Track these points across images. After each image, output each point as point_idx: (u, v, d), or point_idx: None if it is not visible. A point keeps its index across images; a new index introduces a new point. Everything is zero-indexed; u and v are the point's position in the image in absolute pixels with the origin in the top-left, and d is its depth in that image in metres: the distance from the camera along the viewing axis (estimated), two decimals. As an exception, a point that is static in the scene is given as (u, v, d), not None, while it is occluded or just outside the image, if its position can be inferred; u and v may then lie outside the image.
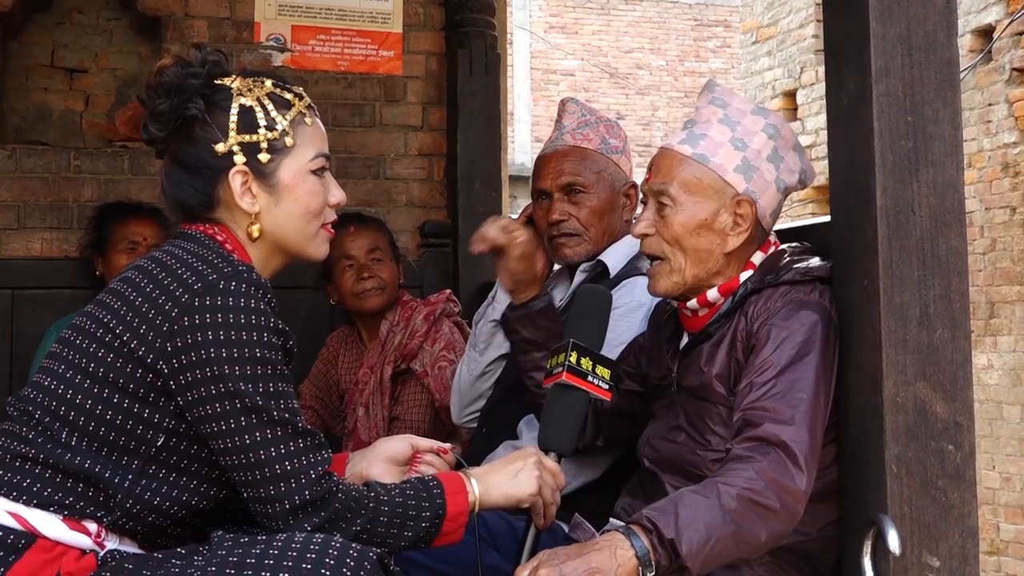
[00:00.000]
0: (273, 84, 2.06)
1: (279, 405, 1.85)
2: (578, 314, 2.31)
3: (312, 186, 2.05)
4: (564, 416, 2.20)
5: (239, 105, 2.00)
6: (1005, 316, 7.45)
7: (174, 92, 1.98)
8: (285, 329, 1.91)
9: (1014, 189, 7.34)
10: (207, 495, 1.95)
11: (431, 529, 1.94)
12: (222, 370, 1.82)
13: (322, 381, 3.90)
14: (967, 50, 7.58)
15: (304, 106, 2.07)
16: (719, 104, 2.34)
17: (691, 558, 1.93)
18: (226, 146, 1.99)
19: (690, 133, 2.31)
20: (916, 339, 2.09)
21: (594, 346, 2.24)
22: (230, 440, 1.84)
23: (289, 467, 1.84)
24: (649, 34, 17.62)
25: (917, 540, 2.07)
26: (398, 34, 4.70)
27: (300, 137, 2.04)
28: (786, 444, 2.03)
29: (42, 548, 1.82)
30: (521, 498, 2.04)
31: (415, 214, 4.69)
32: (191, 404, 1.84)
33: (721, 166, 2.26)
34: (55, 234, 4.22)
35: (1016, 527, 7.37)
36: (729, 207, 2.26)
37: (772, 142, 2.30)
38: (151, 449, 1.88)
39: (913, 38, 2.13)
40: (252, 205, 2.01)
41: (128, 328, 1.88)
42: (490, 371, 3.11)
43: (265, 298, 1.88)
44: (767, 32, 9.96)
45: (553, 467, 2.10)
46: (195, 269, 1.90)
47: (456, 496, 1.97)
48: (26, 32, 4.49)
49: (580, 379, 2.18)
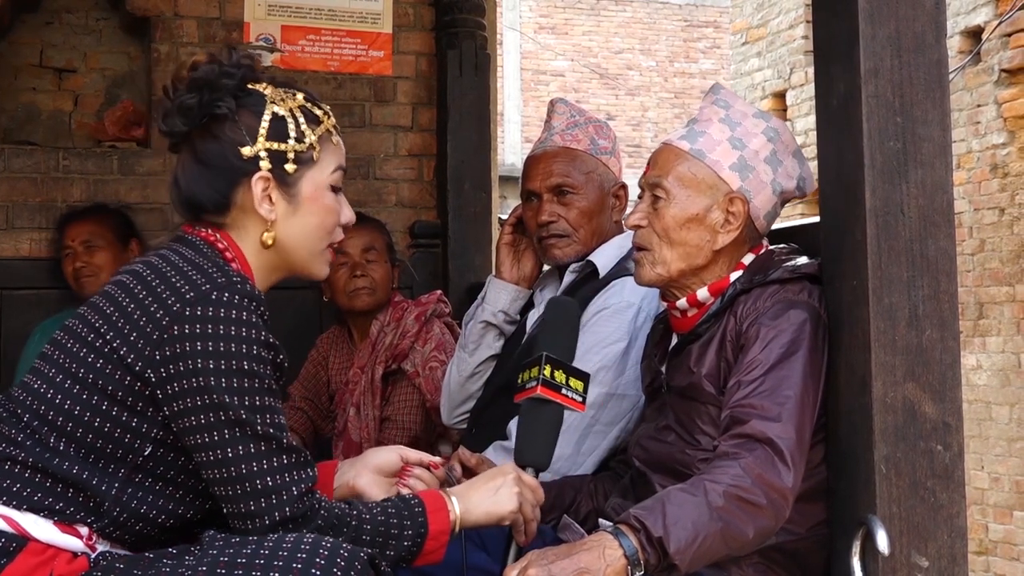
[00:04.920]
0: (305, 98, 2.06)
1: (264, 420, 1.84)
2: (548, 327, 2.30)
3: (330, 202, 2.06)
4: (540, 431, 2.18)
5: (272, 113, 2.00)
6: (994, 317, 7.47)
7: (206, 88, 1.98)
8: (276, 343, 1.90)
9: (1003, 190, 7.36)
10: (193, 505, 1.94)
11: (413, 548, 1.93)
12: (208, 381, 1.81)
13: (312, 382, 3.89)
14: (956, 51, 7.59)
15: (331, 124, 2.08)
16: (722, 105, 2.36)
17: (679, 556, 1.93)
18: (253, 150, 1.98)
19: (690, 130, 2.33)
20: (905, 340, 2.10)
21: (566, 358, 2.22)
22: (213, 453, 1.82)
23: (271, 483, 1.82)
24: (639, 35, 17.63)
25: (906, 540, 2.07)
26: (388, 34, 4.70)
27: (325, 153, 2.05)
28: (773, 441, 2.03)
29: (34, 551, 1.81)
30: (502, 515, 2.04)
31: (405, 214, 4.68)
32: (177, 415, 1.83)
33: (717, 162, 2.27)
34: (44, 234, 4.20)
35: (1005, 527, 7.39)
36: (722, 204, 2.26)
37: (771, 144, 2.31)
38: (138, 458, 1.87)
39: (902, 39, 2.13)
40: (270, 212, 2.00)
41: (119, 335, 1.87)
42: (480, 372, 3.11)
43: (258, 311, 1.87)
44: (757, 33, 9.98)
45: (532, 483, 2.10)
46: (189, 277, 1.88)
47: (437, 514, 1.96)
48: (14, 32, 4.47)
49: (555, 392, 2.16)
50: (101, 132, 4.47)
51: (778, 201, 2.33)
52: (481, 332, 3.10)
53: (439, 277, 4.56)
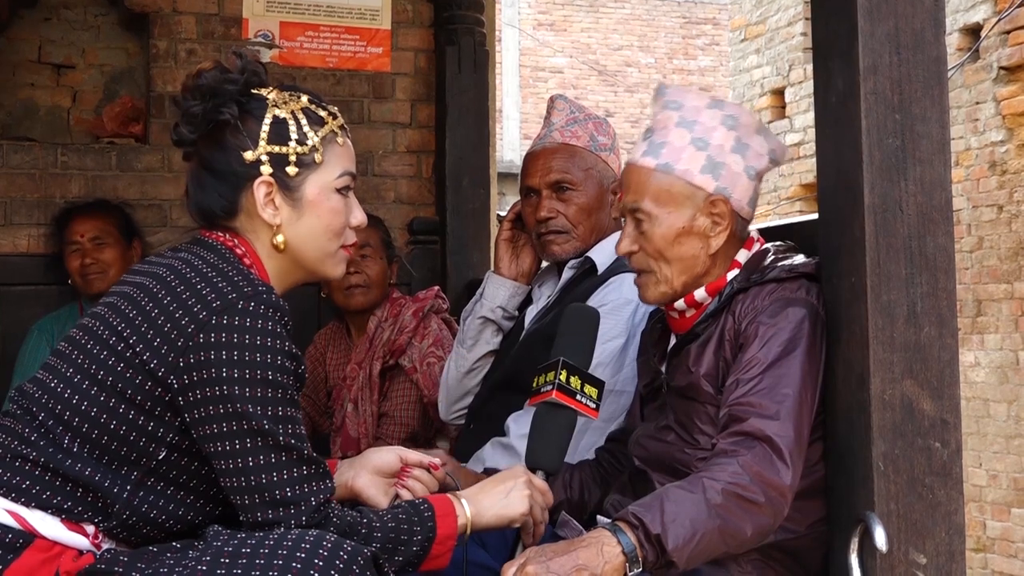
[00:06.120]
0: (309, 100, 2.06)
1: (287, 430, 1.84)
2: (566, 332, 2.31)
3: (336, 204, 2.05)
4: (552, 435, 2.19)
5: (272, 116, 2.00)
6: (992, 314, 7.48)
7: (210, 95, 1.98)
8: (298, 354, 1.90)
9: (1001, 187, 7.36)
10: (204, 511, 1.95)
11: (420, 552, 1.94)
12: (232, 390, 1.81)
13: (309, 378, 3.89)
14: (955, 48, 7.59)
15: (337, 125, 2.07)
16: (673, 107, 2.32)
17: (677, 553, 1.93)
18: (255, 154, 1.98)
19: (651, 143, 2.30)
20: (903, 337, 2.10)
21: (582, 364, 2.23)
22: (233, 461, 1.83)
23: (291, 493, 1.83)
24: (638, 32, 17.63)
25: (904, 537, 2.08)
26: (387, 31, 4.69)
27: (329, 155, 2.04)
28: (771, 439, 2.03)
29: (40, 547, 1.82)
30: (513, 518, 2.05)
31: (403, 211, 4.68)
32: (198, 422, 1.84)
33: (687, 171, 2.24)
34: (42, 230, 4.20)
35: (1002, 524, 7.40)
36: (704, 209, 2.25)
37: (733, 132, 2.28)
38: (151, 462, 1.87)
39: (901, 36, 2.13)
40: (273, 217, 2.00)
41: (142, 339, 1.86)
42: (478, 367, 3.11)
43: (282, 321, 1.88)
44: (755, 30, 9.98)
45: (542, 486, 2.11)
46: (215, 285, 1.88)
47: (446, 519, 1.97)
48: (13, 28, 4.47)
49: (569, 398, 2.17)
50: (99, 128, 4.47)
51: (756, 183, 2.32)
52: (479, 328, 3.10)
53: (438, 273, 4.56)
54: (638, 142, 2.36)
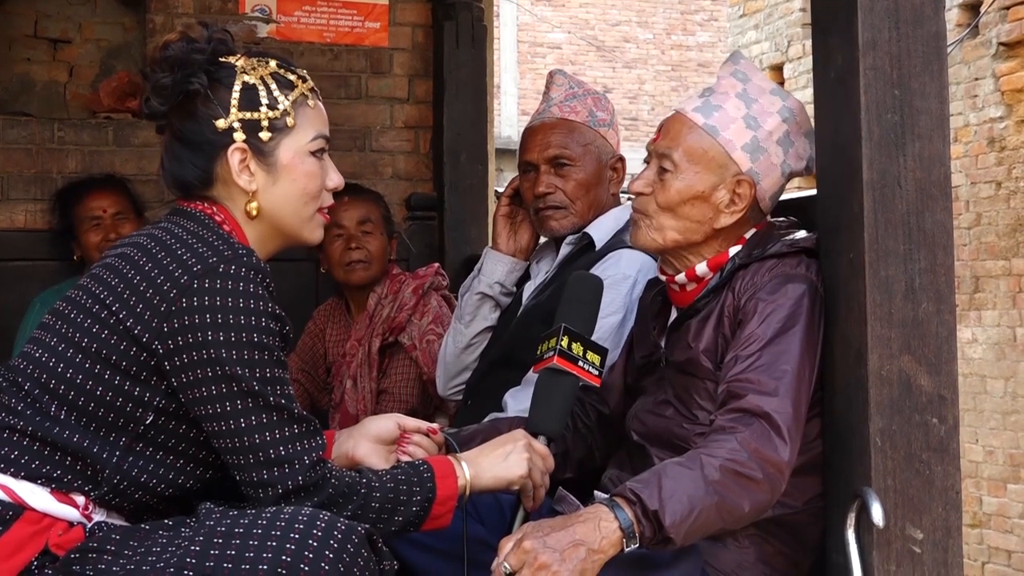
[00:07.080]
0: (277, 64, 2.06)
1: (275, 391, 1.85)
2: (570, 300, 2.31)
3: (311, 167, 2.05)
4: (554, 400, 2.20)
5: (242, 83, 2.00)
6: (990, 290, 7.48)
7: (178, 66, 1.98)
8: (282, 315, 1.91)
9: (1000, 164, 7.35)
10: (194, 475, 1.95)
11: (420, 513, 1.95)
12: (219, 353, 1.82)
13: (309, 354, 3.89)
14: (954, 24, 7.56)
15: (307, 88, 2.07)
16: (740, 78, 2.33)
17: (674, 529, 1.94)
18: (227, 122, 1.99)
19: (706, 102, 2.31)
20: (901, 313, 2.10)
21: (585, 332, 2.24)
22: (224, 423, 1.84)
23: (283, 452, 1.84)
24: (636, 7, 17.54)
25: (901, 513, 2.08)
26: (384, 5, 4.67)
27: (301, 118, 2.04)
28: (769, 415, 2.04)
29: (30, 520, 1.82)
30: (512, 480, 2.06)
31: (401, 187, 4.67)
32: (186, 386, 1.84)
33: (729, 141, 2.25)
34: (39, 206, 4.19)
35: (999, 500, 7.42)
36: (729, 184, 2.25)
37: (786, 125, 2.29)
38: (139, 427, 1.88)
39: (900, 11, 2.12)
40: (249, 183, 2.00)
41: (124, 306, 1.87)
42: (475, 343, 3.11)
43: (264, 283, 1.88)
44: (754, 5, 9.93)
45: (542, 450, 2.12)
46: (195, 251, 1.89)
47: (446, 480, 1.98)
48: (9, 2, 4.44)
49: (571, 364, 2.19)
50: (96, 103, 4.45)
51: (785, 182, 2.32)
52: (477, 304, 3.10)
53: (435, 249, 4.56)
54: (692, 96, 2.36)
